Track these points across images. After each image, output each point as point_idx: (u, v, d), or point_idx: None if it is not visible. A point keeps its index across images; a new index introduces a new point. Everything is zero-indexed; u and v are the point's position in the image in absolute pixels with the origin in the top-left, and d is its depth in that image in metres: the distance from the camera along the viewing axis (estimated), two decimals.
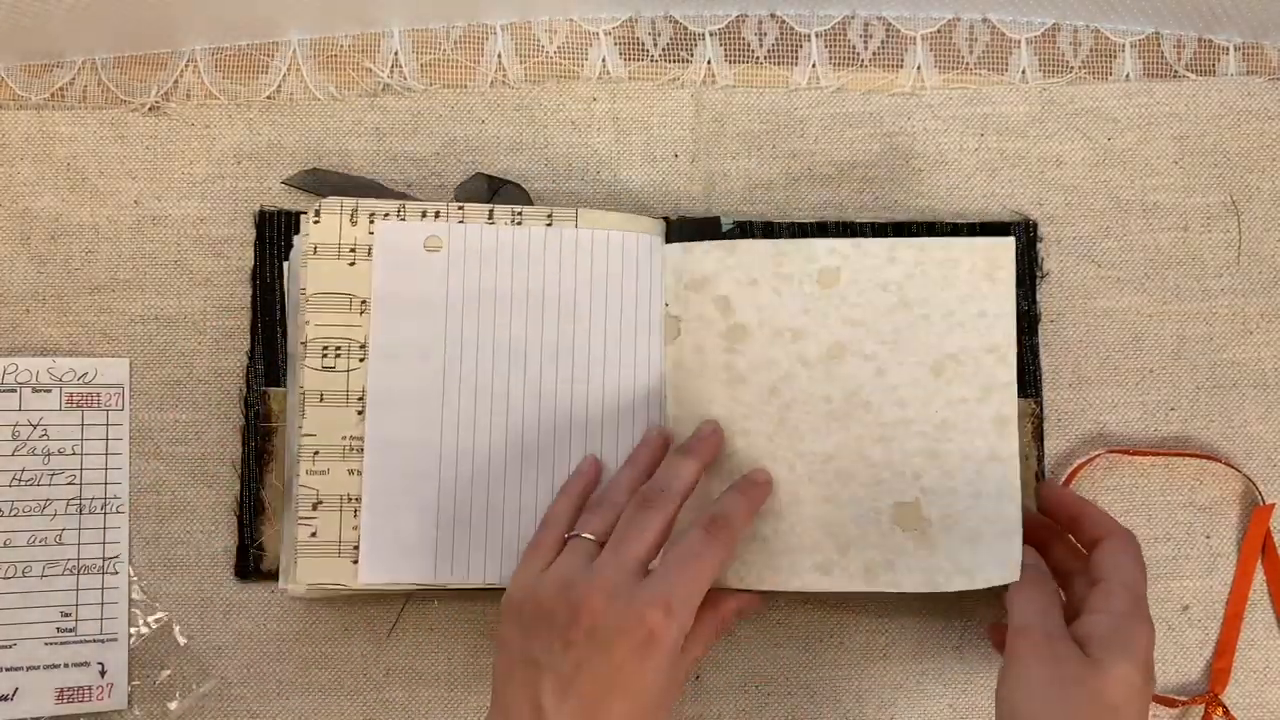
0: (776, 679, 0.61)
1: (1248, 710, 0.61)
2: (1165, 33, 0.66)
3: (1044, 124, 0.65)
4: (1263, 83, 0.65)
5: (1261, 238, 0.64)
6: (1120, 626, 0.50)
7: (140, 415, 0.62)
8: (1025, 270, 0.63)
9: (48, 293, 0.62)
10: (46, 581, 0.59)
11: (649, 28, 0.65)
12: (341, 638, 0.61)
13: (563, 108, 0.64)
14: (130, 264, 0.62)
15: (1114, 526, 0.55)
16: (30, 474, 0.60)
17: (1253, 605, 0.62)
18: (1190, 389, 0.63)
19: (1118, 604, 0.51)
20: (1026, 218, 0.63)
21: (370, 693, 0.60)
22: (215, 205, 0.63)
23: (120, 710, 0.59)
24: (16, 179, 0.63)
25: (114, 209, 0.63)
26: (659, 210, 0.63)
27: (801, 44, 0.65)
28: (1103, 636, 0.50)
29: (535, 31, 0.65)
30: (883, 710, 0.61)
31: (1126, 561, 0.53)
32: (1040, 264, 0.63)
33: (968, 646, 0.62)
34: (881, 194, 0.64)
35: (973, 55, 0.66)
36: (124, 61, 0.64)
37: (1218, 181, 0.65)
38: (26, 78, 0.64)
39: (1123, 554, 0.53)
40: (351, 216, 0.58)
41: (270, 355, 0.61)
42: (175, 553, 0.61)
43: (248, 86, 0.64)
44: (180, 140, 0.63)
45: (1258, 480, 0.62)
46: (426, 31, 0.65)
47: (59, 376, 0.61)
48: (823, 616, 0.62)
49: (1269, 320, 0.64)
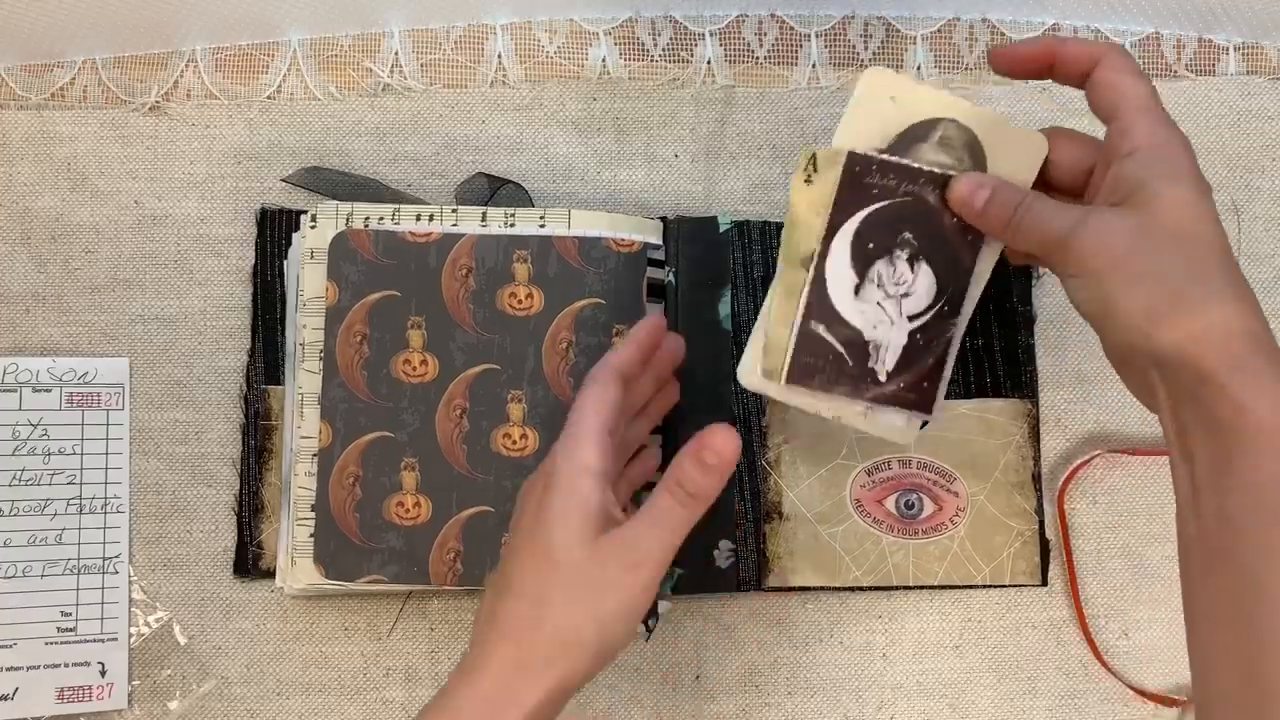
0: (776, 679, 0.61)
1: None
2: (1165, 33, 0.66)
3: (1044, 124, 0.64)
4: (1263, 83, 0.65)
5: (1261, 238, 0.64)
6: (1148, 157, 0.44)
7: (140, 415, 0.62)
8: (1021, 270, 0.63)
9: (48, 293, 0.62)
10: (46, 581, 0.59)
11: (649, 28, 0.65)
12: (341, 638, 0.61)
13: (563, 108, 0.64)
14: (130, 264, 0.62)
15: (1098, 49, 0.48)
16: (30, 474, 0.60)
17: None
18: None
19: (1140, 136, 0.45)
20: None
21: (370, 693, 0.61)
22: (215, 205, 0.63)
23: (120, 710, 0.59)
24: (16, 179, 0.63)
25: (114, 209, 0.63)
26: (659, 210, 0.63)
27: (801, 44, 0.65)
28: (1138, 178, 0.44)
29: (535, 31, 0.65)
30: (883, 710, 0.61)
31: (1127, 80, 0.46)
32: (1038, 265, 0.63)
33: (968, 646, 0.62)
34: None
35: (973, 55, 0.66)
36: (124, 61, 0.64)
37: (1218, 181, 0.64)
38: (26, 78, 0.64)
39: (1120, 74, 0.46)
40: (347, 220, 0.59)
41: (270, 354, 0.61)
42: (175, 553, 0.61)
43: (248, 86, 0.64)
44: (180, 140, 0.63)
45: None
46: (426, 31, 0.65)
47: (59, 376, 0.61)
48: (823, 616, 0.62)
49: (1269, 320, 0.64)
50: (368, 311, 0.58)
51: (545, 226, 0.59)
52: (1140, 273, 0.43)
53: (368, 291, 0.58)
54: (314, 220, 0.59)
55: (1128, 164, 0.45)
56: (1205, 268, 0.43)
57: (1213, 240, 0.44)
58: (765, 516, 0.60)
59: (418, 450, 0.58)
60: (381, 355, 0.58)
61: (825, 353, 0.51)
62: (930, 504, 0.61)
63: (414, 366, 0.58)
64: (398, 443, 0.58)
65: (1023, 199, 0.47)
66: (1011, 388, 0.62)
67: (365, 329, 0.58)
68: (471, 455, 0.58)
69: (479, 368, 0.58)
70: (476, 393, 0.58)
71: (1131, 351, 0.44)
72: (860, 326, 0.51)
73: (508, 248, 0.59)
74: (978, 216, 0.49)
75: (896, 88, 0.50)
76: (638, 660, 0.61)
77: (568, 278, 0.59)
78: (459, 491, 0.58)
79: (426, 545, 0.58)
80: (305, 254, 0.59)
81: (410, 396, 0.58)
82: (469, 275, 0.59)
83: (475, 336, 0.59)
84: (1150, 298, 0.43)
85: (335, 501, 0.57)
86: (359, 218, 0.59)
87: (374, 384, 0.58)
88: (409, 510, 0.58)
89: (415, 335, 0.58)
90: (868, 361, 0.51)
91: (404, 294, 0.58)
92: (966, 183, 0.49)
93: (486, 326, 0.59)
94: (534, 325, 0.59)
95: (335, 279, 0.58)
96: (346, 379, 0.58)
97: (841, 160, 0.49)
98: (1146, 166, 0.44)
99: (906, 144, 0.50)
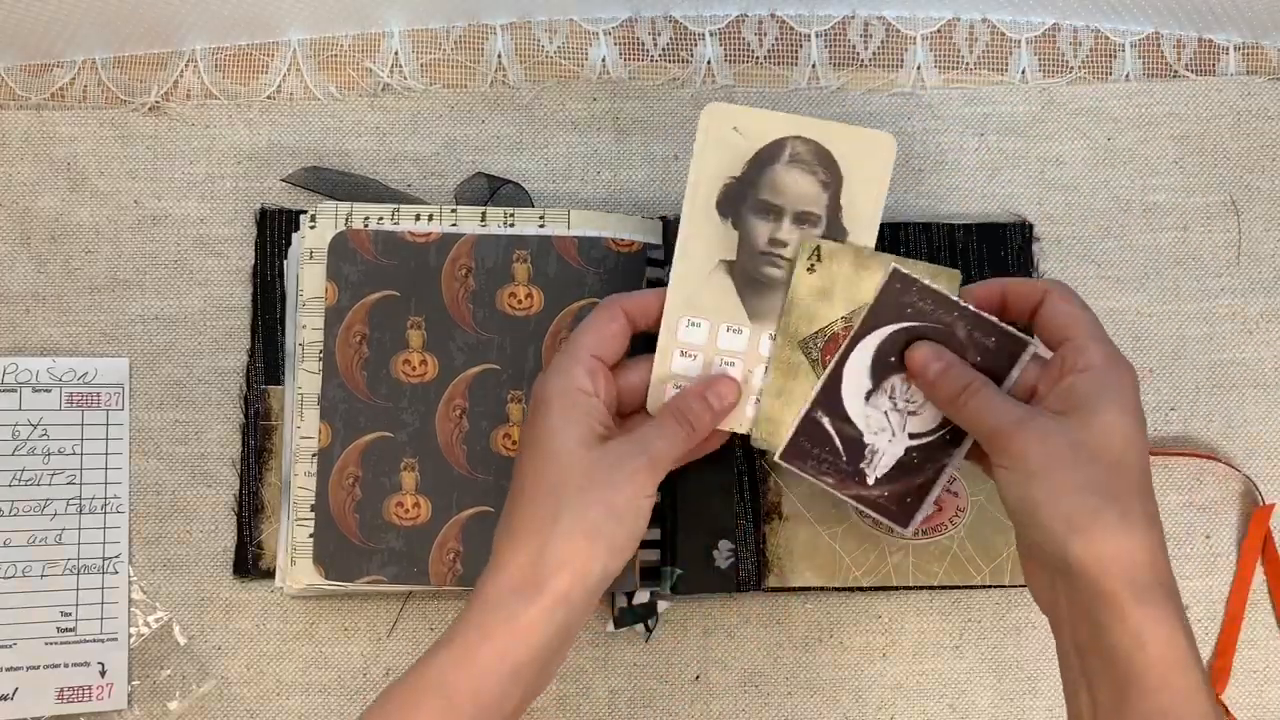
0: (776, 679, 0.61)
1: (1248, 710, 0.61)
2: (1165, 33, 0.66)
3: (1044, 124, 0.65)
4: (1263, 83, 0.65)
5: (1261, 238, 0.64)
6: (1101, 379, 0.47)
7: (140, 415, 0.62)
8: (1021, 270, 0.62)
9: (48, 293, 0.62)
10: (46, 581, 0.59)
11: (649, 28, 0.65)
12: (341, 638, 0.61)
13: (563, 108, 0.64)
14: (130, 264, 0.62)
15: (1043, 284, 0.51)
16: (30, 474, 0.60)
17: (1252, 605, 0.62)
18: (1190, 389, 0.63)
19: (1094, 357, 0.48)
20: (1023, 219, 0.63)
21: (370, 693, 0.60)
22: (215, 205, 0.63)
23: (120, 710, 0.59)
24: (16, 179, 0.63)
25: (114, 209, 0.63)
26: (659, 210, 0.63)
27: (801, 44, 0.65)
28: (1085, 394, 0.47)
29: (535, 31, 0.65)
30: (883, 710, 0.61)
31: (1074, 310, 0.49)
32: (1035, 265, 0.63)
33: (967, 646, 0.62)
34: None
35: (973, 55, 0.66)
36: (124, 61, 0.64)
37: (1218, 181, 0.65)
38: (26, 78, 0.64)
39: (1066, 304, 0.49)
40: (346, 220, 0.59)
41: (270, 354, 0.61)
42: (175, 553, 0.61)
43: (248, 86, 0.64)
44: (180, 140, 0.63)
45: (1258, 480, 0.62)
46: (426, 31, 0.65)
47: (59, 376, 0.61)
48: (823, 616, 0.62)
49: (1269, 320, 0.64)
50: (367, 311, 0.58)
51: (545, 226, 0.59)
52: (1069, 483, 0.45)
53: (367, 291, 0.58)
54: (314, 220, 0.59)
55: (1080, 380, 0.47)
56: (1128, 493, 0.46)
57: (1140, 468, 0.47)
58: (765, 517, 0.60)
59: (417, 450, 0.58)
60: (381, 355, 0.58)
61: (824, 442, 0.52)
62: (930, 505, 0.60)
63: (414, 366, 0.58)
64: (397, 443, 0.58)
65: (971, 381, 0.49)
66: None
67: (365, 329, 0.58)
68: (471, 455, 0.58)
69: (479, 368, 0.58)
70: (476, 393, 0.58)
71: (1044, 554, 0.46)
72: (863, 429, 0.52)
73: (508, 248, 0.59)
74: (928, 386, 0.51)
75: (737, 117, 0.52)
76: (638, 660, 0.61)
77: (567, 278, 0.59)
78: (458, 492, 0.58)
79: (426, 546, 0.57)
80: (305, 254, 0.59)
81: (410, 396, 0.58)
82: (469, 275, 0.59)
83: (475, 336, 0.58)
84: (1073, 509, 0.45)
85: (335, 502, 0.57)
86: (358, 218, 0.59)
87: (374, 384, 0.58)
88: (408, 510, 0.58)
89: (415, 335, 0.58)
90: (860, 462, 0.53)
91: (403, 294, 0.58)
92: (924, 351, 0.51)
93: (486, 326, 0.59)
94: (534, 325, 0.59)
95: (335, 279, 0.58)
96: (346, 379, 0.58)
97: (886, 272, 0.51)
98: (1095, 387, 0.47)
99: (760, 168, 0.52)
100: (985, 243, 0.62)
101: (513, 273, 0.59)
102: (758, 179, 0.52)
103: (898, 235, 0.62)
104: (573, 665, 0.61)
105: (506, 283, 0.59)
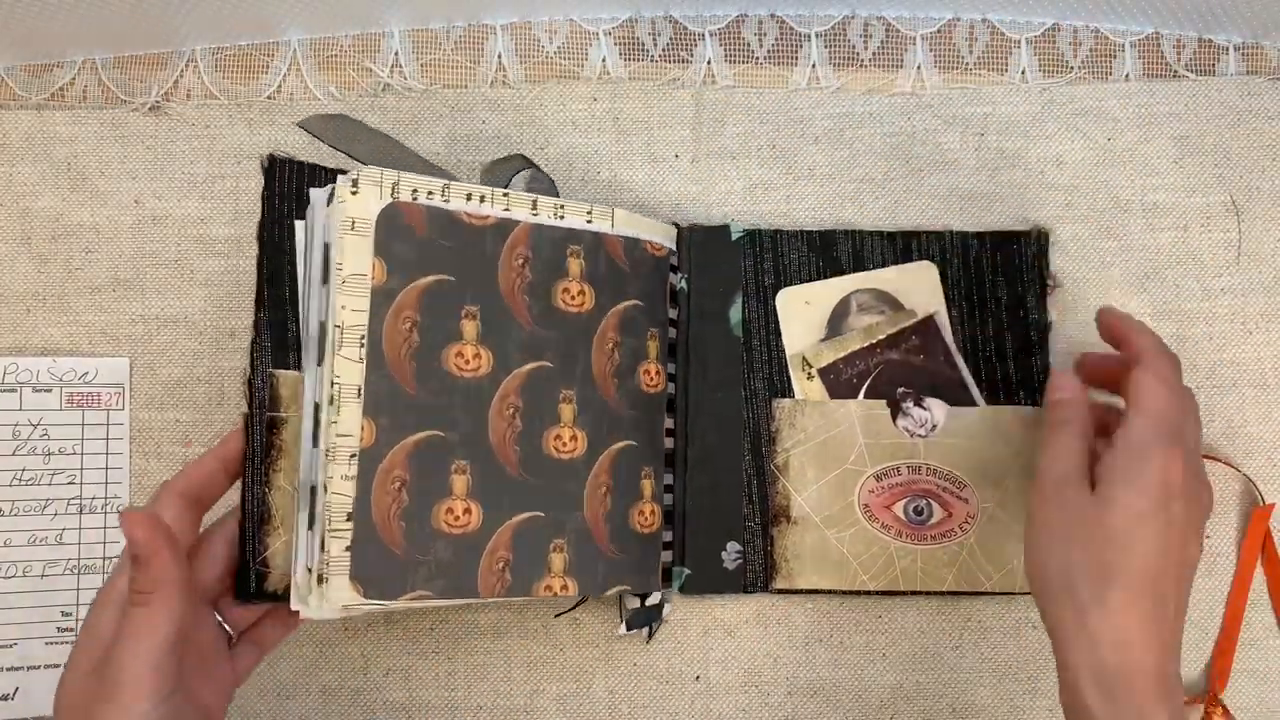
0: (777, 679, 0.61)
1: (1248, 710, 0.61)
2: (1165, 33, 0.66)
3: (1044, 124, 0.65)
4: (1263, 83, 0.65)
5: (1261, 238, 0.64)
6: (1130, 456, 0.48)
7: (140, 415, 0.62)
8: (1035, 279, 0.62)
9: (48, 293, 0.62)
10: (47, 581, 0.59)
11: (649, 28, 0.65)
12: (341, 638, 0.61)
13: (563, 108, 0.64)
14: (130, 264, 0.62)
15: (1147, 349, 0.51)
16: (30, 474, 0.60)
17: (1252, 605, 0.62)
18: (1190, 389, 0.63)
19: (1134, 434, 0.49)
20: (1039, 227, 0.63)
21: (370, 693, 0.60)
22: (215, 205, 0.63)
23: None
24: (16, 179, 0.63)
25: (114, 209, 0.63)
26: (659, 210, 0.63)
27: (801, 44, 0.65)
28: (1109, 469, 0.48)
29: (535, 31, 0.65)
30: (883, 710, 0.61)
31: (1152, 387, 0.50)
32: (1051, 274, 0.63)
33: (967, 646, 0.62)
34: (881, 194, 0.64)
35: (973, 55, 0.66)
36: (124, 61, 0.64)
37: (1218, 181, 0.65)
38: (26, 78, 0.64)
39: (1149, 379, 0.50)
40: (393, 190, 0.52)
41: (279, 331, 0.53)
42: None
43: (248, 86, 0.64)
44: (180, 140, 0.63)
45: (1258, 480, 0.62)
46: (426, 31, 0.65)
47: (59, 376, 0.61)
48: (823, 617, 0.62)
49: (1269, 320, 0.64)
50: (419, 295, 0.52)
51: (592, 223, 0.57)
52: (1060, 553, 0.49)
53: (419, 274, 0.52)
54: (355, 185, 0.51)
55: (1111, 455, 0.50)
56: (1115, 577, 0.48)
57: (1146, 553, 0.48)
58: (773, 520, 0.60)
59: (469, 452, 0.53)
60: (432, 345, 0.52)
61: None
62: (940, 510, 0.60)
63: (466, 360, 0.53)
64: (449, 443, 0.52)
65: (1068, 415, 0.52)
66: (1024, 395, 0.61)
67: (415, 315, 0.52)
68: (524, 458, 0.54)
69: (533, 364, 0.54)
70: (529, 392, 0.54)
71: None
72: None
73: (562, 241, 0.56)
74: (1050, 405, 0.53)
75: (805, 293, 0.62)
76: (638, 660, 0.61)
77: (615, 277, 0.57)
78: (510, 496, 0.54)
79: (476, 555, 0.53)
80: (344, 223, 0.51)
81: (462, 392, 0.53)
82: (525, 265, 0.54)
83: (530, 331, 0.54)
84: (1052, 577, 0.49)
85: (379, 509, 0.51)
86: (405, 188, 0.52)
87: (423, 377, 0.52)
88: (459, 518, 0.52)
89: (469, 326, 0.53)
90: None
91: (459, 280, 0.53)
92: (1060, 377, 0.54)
93: (542, 321, 0.55)
94: (585, 323, 0.56)
95: (383, 255, 0.51)
96: (394, 370, 0.51)
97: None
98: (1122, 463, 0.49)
99: (837, 325, 0.61)
100: (999, 251, 0.62)
101: (567, 268, 0.56)
102: (838, 334, 0.61)
103: (910, 245, 0.62)
104: (573, 665, 0.61)
105: (561, 277, 0.55)
